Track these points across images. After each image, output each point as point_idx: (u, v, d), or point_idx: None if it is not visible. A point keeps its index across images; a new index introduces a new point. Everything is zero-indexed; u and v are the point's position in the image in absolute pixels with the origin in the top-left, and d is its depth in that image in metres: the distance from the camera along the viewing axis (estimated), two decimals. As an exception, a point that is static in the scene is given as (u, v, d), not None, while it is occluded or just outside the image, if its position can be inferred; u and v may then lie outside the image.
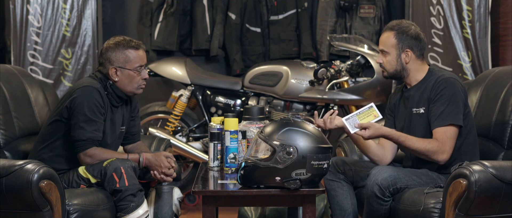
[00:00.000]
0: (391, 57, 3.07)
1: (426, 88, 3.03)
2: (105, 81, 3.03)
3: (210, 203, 2.69)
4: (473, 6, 4.55)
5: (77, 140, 2.93)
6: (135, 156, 3.01)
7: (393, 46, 3.06)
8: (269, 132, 2.65)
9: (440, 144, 2.93)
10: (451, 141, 2.94)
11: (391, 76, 3.12)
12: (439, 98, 2.97)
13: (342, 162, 3.16)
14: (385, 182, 2.87)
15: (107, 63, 3.02)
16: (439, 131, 2.95)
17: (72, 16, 4.59)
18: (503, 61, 4.56)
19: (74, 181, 2.95)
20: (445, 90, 2.96)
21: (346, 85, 4.41)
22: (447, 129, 2.94)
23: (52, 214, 2.66)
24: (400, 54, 3.06)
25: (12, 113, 3.22)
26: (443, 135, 2.94)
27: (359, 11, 5.08)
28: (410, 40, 3.05)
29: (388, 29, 3.09)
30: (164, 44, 5.05)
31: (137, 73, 3.03)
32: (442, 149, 2.93)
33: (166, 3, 5.02)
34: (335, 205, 3.13)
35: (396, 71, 3.08)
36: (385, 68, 3.10)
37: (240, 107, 4.58)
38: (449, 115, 2.94)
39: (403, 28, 3.06)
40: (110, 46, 3.03)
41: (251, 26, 5.13)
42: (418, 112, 3.04)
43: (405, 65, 3.06)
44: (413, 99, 3.06)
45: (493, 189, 2.61)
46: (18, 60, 4.52)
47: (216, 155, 3.09)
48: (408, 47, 3.05)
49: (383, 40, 3.10)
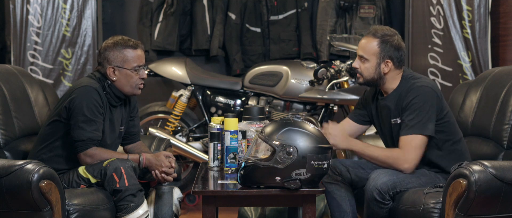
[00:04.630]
0: (369, 65, 2.99)
1: (400, 96, 2.98)
2: (104, 81, 3.02)
3: (210, 203, 2.69)
4: (473, 6, 4.55)
5: (77, 140, 2.93)
6: (135, 156, 3.01)
7: (374, 54, 2.98)
8: (269, 132, 2.65)
9: (401, 152, 2.90)
10: (416, 150, 2.89)
11: (366, 83, 3.04)
12: (409, 107, 2.92)
13: (339, 164, 3.15)
14: (384, 186, 2.86)
15: (105, 63, 3.02)
16: (403, 139, 2.91)
17: (72, 16, 4.59)
18: (503, 61, 4.56)
19: (74, 181, 2.95)
20: (415, 99, 2.91)
21: (346, 85, 4.41)
22: (412, 137, 2.89)
23: (52, 214, 2.66)
24: (379, 63, 2.98)
25: (12, 113, 3.22)
26: (407, 143, 2.89)
27: (359, 11, 5.08)
28: (392, 50, 2.98)
29: (371, 35, 3.00)
30: (164, 44, 5.05)
31: (135, 73, 3.03)
32: (404, 157, 2.89)
33: (166, 3, 5.02)
34: (334, 207, 3.12)
35: (373, 79, 3.01)
36: (362, 75, 3.02)
37: (240, 107, 4.58)
38: (416, 124, 2.89)
39: (387, 37, 2.98)
40: (108, 45, 3.03)
41: (251, 26, 5.14)
42: (396, 122, 3.00)
43: (383, 75, 2.99)
44: (390, 110, 3.02)
45: (493, 189, 2.61)
46: (18, 60, 4.52)
47: (216, 155, 3.09)
48: (389, 58, 2.98)
49: (364, 46, 3.00)
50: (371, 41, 2.99)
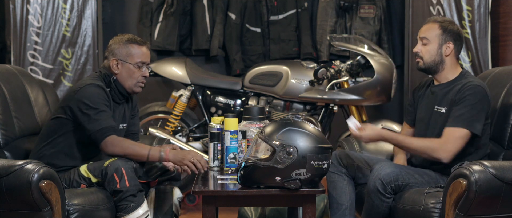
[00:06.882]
0: (431, 47, 3.03)
1: (453, 89, 3.00)
2: (109, 77, 3.05)
3: (210, 203, 2.69)
4: (473, 6, 4.55)
5: (95, 131, 2.93)
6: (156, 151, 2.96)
7: (436, 36, 3.03)
8: (269, 132, 2.65)
9: (442, 142, 2.91)
10: (457, 142, 2.91)
11: (426, 67, 3.06)
12: (462, 102, 2.94)
13: (345, 156, 3.16)
14: (387, 177, 2.88)
15: (110, 56, 3.08)
16: (448, 130, 2.93)
17: (72, 16, 4.59)
18: (503, 61, 4.56)
19: (75, 180, 2.95)
20: (470, 96, 2.93)
21: (346, 85, 4.41)
22: (457, 130, 2.91)
23: (52, 214, 2.66)
24: (442, 45, 3.02)
25: (12, 113, 3.22)
26: (450, 134, 2.91)
27: (359, 11, 5.08)
28: (454, 34, 3.03)
29: (432, 21, 3.07)
30: (164, 44, 5.05)
31: (137, 68, 3.06)
32: (444, 147, 2.91)
33: (166, 3, 5.02)
34: (332, 198, 3.14)
35: (433, 63, 3.04)
36: (422, 58, 3.05)
37: (240, 107, 4.58)
38: (466, 119, 2.91)
39: (447, 22, 3.05)
40: (116, 40, 3.10)
41: (251, 26, 5.14)
42: (440, 111, 3.02)
43: (444, 57, 3.03)
44: (437, 97, 3.04)
45: (493, 189, 2.61)
46: (18, 60, 4.52)
47: (216, 155, 3.09)
48: (451, 40, 3.03)
49: (426, 29, 3.06)
50: (433, 25, 3.06)
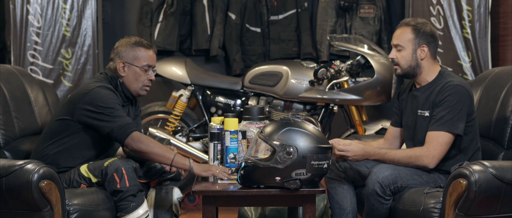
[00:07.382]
0: (406, 52, 3.02)
1: (433, 91, 3.00)
2: (116, 80, 3.06)
3: (210, 203, 2.69)
4: (473, 6, 4.55)
5: (116, 128, 2.93)
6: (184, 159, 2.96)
7: (409, 41, 3.01)
8: (269, 132, 2.65)
9: (425, 148, 2.92)
10: (442, 147, 2.91)
11: (404, 73, 3.06)
12: (442, 103, 2.93)
13: (343, 161, 3.15)
14: (386, 180, 2.87)
15: (117, 58, 3.08)
16: (431, 135, 2.93)
17: (72, 16, 4.59)
18: (503, 61, 4.56)
19: (75, 180, 2.95)
20: (449, 96, 2.93)
21: (346, 85, 4.41)
22: (441, 134, 2.91)
23: (52, 214, 2.66)
24: (416, 49, 3.01)
25: (12, 113, 3.22)
26: (434, 139, 2.91)
27: (359, 11, 5.08)
28: (427, 36, 3.02)
29: (404, 25, 3.05)
30: (164, 44, 5.05)
31: (143, 71, 3.07)
32: (427, 153, 2.91)
33: (166, 3, 5.02)
34: (334, 204, 3.13)
35: (410, 68, 3.03)
36: (399, 64, 3.05)
37: (240, 107, 4.58)
38: (447, 122, 2.91)
39: (419, 24, 3.03)
40: (123, 42, 3.10)
41: (251, 26, 5.14)
42: (423, 114, 3.01)
43: (420, 61, 3.02)
44: (419, 101, 3.04)
45: (493, 189, 2.61)
46: (18, 60, 4.52)
47: (216, 155, 3.08)
48: (425, 43, 3.02)
49: (399, 34, 3.05)
50: (405, 30, 3.04)
